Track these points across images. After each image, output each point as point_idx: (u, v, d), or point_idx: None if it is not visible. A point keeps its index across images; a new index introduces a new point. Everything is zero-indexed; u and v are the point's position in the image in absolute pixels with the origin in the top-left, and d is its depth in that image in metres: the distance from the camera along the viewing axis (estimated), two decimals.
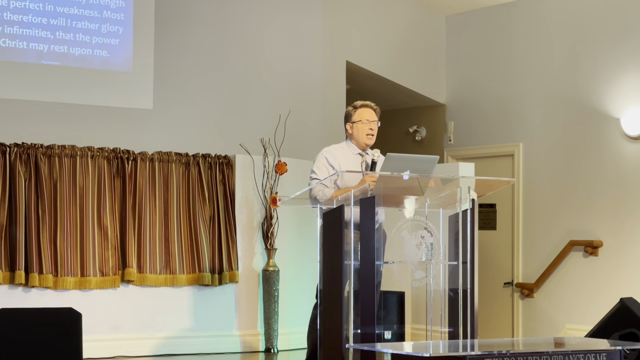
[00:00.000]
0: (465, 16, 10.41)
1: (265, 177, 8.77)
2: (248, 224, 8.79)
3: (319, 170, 6.17)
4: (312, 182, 6.14)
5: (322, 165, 6.17)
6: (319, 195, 5.95)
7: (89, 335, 7.45)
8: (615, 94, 9.01)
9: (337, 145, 6.33)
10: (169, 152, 8.57)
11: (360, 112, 6.28)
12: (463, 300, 5.84)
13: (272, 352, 8.59)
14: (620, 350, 5.29)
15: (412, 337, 9.10)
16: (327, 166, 6.16)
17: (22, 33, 8.18)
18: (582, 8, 9.32)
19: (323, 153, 6.24)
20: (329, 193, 5.94)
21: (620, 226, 8.92)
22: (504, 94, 9.99)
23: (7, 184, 7.90)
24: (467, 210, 5.86)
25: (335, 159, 6.19)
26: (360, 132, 6.25)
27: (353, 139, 6.28)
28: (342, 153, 6.24)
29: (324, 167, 6.16)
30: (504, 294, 9.85)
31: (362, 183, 5.75)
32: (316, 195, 5.97)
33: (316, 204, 6.00)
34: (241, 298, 8.71)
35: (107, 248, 8.20)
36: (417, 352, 4.96)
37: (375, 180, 5.67)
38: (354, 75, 10.11)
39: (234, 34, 9.12)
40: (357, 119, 6.26)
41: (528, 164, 9.73)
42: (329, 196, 5.92)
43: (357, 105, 6.31)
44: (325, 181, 6.04)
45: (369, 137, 6.27)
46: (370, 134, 6.27)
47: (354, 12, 10.01)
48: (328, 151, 6.25)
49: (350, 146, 6.29)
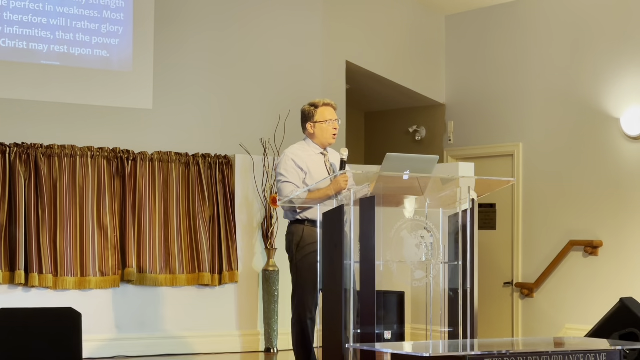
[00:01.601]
0: (465, 16, 10.41)
1: (265, 177, 8.78)
2: (248, 224, 8.79)
3: (287, 172, 6.07)
4: (282, 185, 6.07)
5: (290, 168, 6.08)
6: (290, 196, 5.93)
7: (89, 335, 7.44)
8: (615, 94, 9.01)
9: (297, 145, 6.24)
10: (169, 152, 8.57)
11: (322, 111, 6.17)
12: (463, 300, 5.85)
13: (272, 352, 8.59)
14: (620, 350, 5.29)
15: (412, 337, 9.10)
16: (296, 168, 6.08)
17: (22, 33, 8.18)
18: (582, 8, 9.32)
19: (288, 155, 6.15)
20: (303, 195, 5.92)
21: (620, 226, 8.92)
22: (504, 94, 9.99)
23: (7, 184, 7.90)
24: (467, 210, 5.86)
25: (302, 160, 6.11)
26: (325, 132, 6.16)
27: (315, 139, 6.20)
28: (305, 153, 6.17)
29: (292, 169, 6.07)
30: (504, 294, 9.85)
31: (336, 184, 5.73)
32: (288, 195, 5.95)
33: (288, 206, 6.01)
34: (241, 298, 8.71)
35: (107, 248, 8.20)
36: (417, 352, 4.96)
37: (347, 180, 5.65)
38: (354, 75, 10.11)
39: (234, 34, 9.12)
40: (321, 118, 6.16)
41: (528, 164, 9.73)
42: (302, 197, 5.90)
43: (318, 104, 6.19)
44: (296, 182, 6.02)
45: (334, 136, 6.19)
46: (335, 133, 6.19)
47: (354, 12, 10.01)
48: (293, 153, 6.16)
49: (312, 146, 6.21)
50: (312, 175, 6.07)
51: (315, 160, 6.16)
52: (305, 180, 6.05)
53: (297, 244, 6.11)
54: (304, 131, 6.26)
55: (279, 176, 6.12)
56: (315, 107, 6.18)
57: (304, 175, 6.06)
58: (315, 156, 6.18)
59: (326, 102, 6.20)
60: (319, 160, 6.18)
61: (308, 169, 6.10)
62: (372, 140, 11.55)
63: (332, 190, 5.75)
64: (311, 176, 6.06)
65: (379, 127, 11.52)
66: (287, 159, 6.12)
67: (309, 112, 6.19)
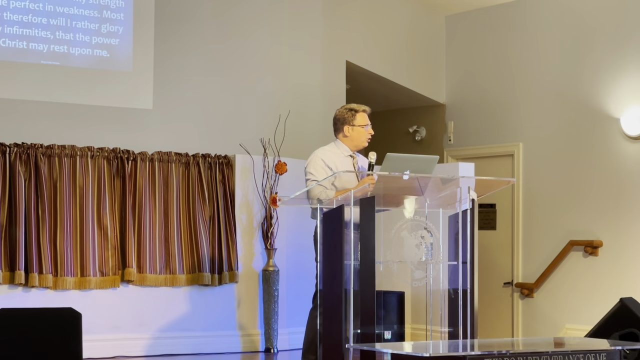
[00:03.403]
0: (465, 16, 10.41)
1: (265, 177, 8.78)
2: (248, 224, 8.79)
3: (316, 171, 6.24)
4: (310, 183, 6.21)
5: (319, 167, 6.25)
6: (322, 196, 6.03)
7: (89, 335, 7.45)
8: (615, 94, 9.01)
9: (327, 147, 6.44)
10: (169, 152, 8.57)
11: (361, 116, 6.40)
12: (463, 300, 5.85)
13: (272, 352, 8.59)
14: (620, 350, 5.29)
15: (412, 337, 9.11)
16: (325, 167, 6.25)
17: (22, 33, 8.18)
18: (582, 8, 9.32)
19: (318, 155, 6.33)
20: (331, 194, 6.02)
21: (620, 226, 8.92)
22: (504, 94, 9.99)
23: (7, 184, 7.90)
24: (467, 210, 5.87)
25: (332, 161, 6.29)
26: (362, 136, 6.39)
27: (349, 141, 6.39)
28: (334, 155, 6.35)
29: (321, 168, 6.25)
30: (504, 294, 9.85)
31: (362, 184, 5.79)
32: (318, 196, 6.06)
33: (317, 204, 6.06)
34: (241, 298, 8.71)
35: (107, 248, 8.20)
36: (417, 352, 4.96)
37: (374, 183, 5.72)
38: (354, 75, 10.12)
39: (234, 34, 9.12)
40: (360, 123, 6.38)
41: (528, 164, 9.73)
42: (331, 197, 5.99)
43: (358, 110, 6.41)
44: (324, 182, 6.10)
45: (368, 140, 6.44)
46: (369, 138, 6.45)
47: (354, 12, 10.01)
48: (323, 153, 6.35)
49: (341, 148, 6.39)
50: (341, 176, 6.14)
51: (344, 162, 6.33)
52: (335, 183, 6.14)
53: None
54: (336, 133, 6.45)
55: (308, 175, 6.29)
56: (355, 112, 6.40)
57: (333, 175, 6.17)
58: (344, 158, 6.36)
59: (365, 109, 6.43)
60: (347, 162, 6.35)
61: (337, 169, 6.23)
62: (372, 140, 11.51)
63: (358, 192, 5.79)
64: (339, 177, 6.14)
65: (378, 127, 11.49)
66: (316, 159, 6.30)
67: (348, 116, 6.39)
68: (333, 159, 6.30)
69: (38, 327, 6.31)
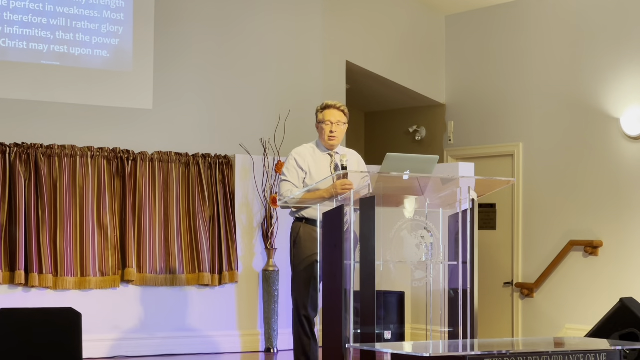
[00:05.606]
0: (465, 16, 10.41)
1: (265, 177, 8.78)
2: (248, 224, 8.79)
3: (288, 171, 6.20)
4: (281, 183, 6.19)
5: (291, 167, 6.20)
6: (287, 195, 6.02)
7: (89, 335, 7.45)
8: (615, 94, 9.01)
9: (307, 145, 6.35)
10: (169, 152, 8.57)
11: (324, 113, 6.25)
12: (463, 300, 5.85)
13: (272, 352, 8.60)
14: (620, 350, 5.29)
15: (412, 337, 9.11)
16: (297, 168, 6.19)
17: (22, 33, 8.17)
18: (582, 8, 9.32)
19: (292, 154, 6.28)
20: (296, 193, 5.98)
21: (620, 226, 8.92)
22: (503, 94, 9.99)
23: (7, 184, 7.90)
24: (467, 210, 5.87)
25: (305, 160, 6.21)
26: (324, 134, 6.23)
27: (321, 139, 6.30)
28: (311, 153, 6.26)
29: (293, 168, 6.19)
30: (504, 294, 9.85)
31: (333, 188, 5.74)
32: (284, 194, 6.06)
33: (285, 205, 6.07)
34: (241, 298, 8.71)
35: (107, 248, 8.20)
36: (417, 352, 4.96)
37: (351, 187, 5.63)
38: (354, 75, 10.11)
39: (234, 34, 9.12)
40: (321, 119, 6.25)
41: (528, 164, 9.73)
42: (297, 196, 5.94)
43: (323, 106, 6.29)
44: (295, 181, 6.11)
45: (330, 138, 6.23)
46: (332, 136, 6.22)
47: (354, 12, 10.01)
48: (297, 152, 6.28)
49: (320, 146, 6.31)
50: (312, 176, 6.12)
51: (318, 161, 6.23)
52: (306, 180, 6.11)
53: (294, 241, 6.28)
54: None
55: (282, 174, 6.25)
56: (321, 109, 6.28)
57: (304, 175, 6.13)
58: (321, 156, 6.26)
59: (330, 104, 6.27)
60: (324, 160, 6.24)
61: (309, 169, 6.17)
62: (372, 140, 11.55)
63: (327, 194, 5.77)
64: (311, 177, 6.12)
65: (379, 127, 11.52)
66: (290, 158, 6.26)
67: (316, 113, 6.32)
68: (306, 158, 6.21)
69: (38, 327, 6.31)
